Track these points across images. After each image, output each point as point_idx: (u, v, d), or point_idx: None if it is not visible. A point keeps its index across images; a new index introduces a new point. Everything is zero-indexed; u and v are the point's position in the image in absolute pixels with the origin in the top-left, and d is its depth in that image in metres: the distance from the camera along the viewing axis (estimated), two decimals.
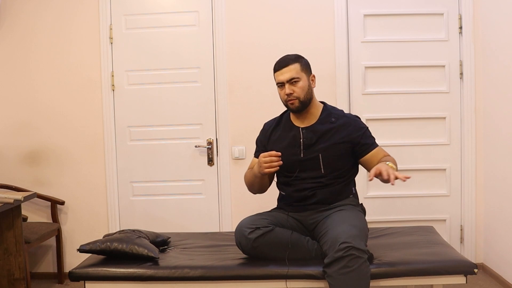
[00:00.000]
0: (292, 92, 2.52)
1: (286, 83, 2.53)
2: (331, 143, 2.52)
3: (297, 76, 2.53)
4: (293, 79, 2.52)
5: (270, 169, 2.44)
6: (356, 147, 2.56)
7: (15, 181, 3.79)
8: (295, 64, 2.55)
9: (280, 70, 2.56)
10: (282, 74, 2.54)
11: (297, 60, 2.57)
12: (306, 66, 2.59)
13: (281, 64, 2.56)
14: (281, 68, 2.56)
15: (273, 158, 2.42)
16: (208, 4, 3.74)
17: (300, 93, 2.53)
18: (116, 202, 3.83)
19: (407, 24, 3.70)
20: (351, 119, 2.64)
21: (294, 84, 2.53)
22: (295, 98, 2.53)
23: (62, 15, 3.78)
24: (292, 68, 2.53)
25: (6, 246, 2.85)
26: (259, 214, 2.59)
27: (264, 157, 2.44)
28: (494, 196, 3.52)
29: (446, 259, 2.39)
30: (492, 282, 3.46)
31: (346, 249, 2.16)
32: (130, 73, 3.79)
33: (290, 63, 2.54)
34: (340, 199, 2.57)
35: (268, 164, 2.42)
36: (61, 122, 3.81)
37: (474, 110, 3.68)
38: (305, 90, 2.55)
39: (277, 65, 2.58)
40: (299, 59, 2.58)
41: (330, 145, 2.52)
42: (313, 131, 2.57)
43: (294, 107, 2.56)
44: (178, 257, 2.57)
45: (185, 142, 3.79)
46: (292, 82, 2.53)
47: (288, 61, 2.56)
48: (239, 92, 3.75)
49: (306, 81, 2.56)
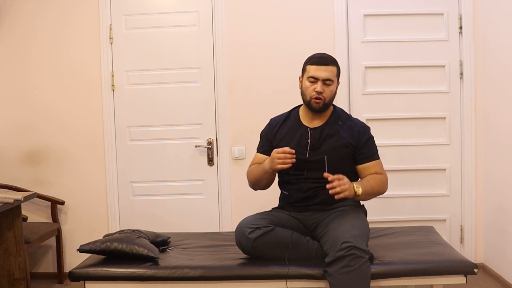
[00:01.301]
0: (322, 92, 2.51)
1: (321, 81, 2.51)
2: (336, 145, 2.52)
3: (332, 79, 2.53)
4: (328, 80, 2.51)
5: (283, 166, 2.42)
6: (356, 153, 2.56)
7: (15, 181, 3.79)
8: (334, 67, 2.55)
9: (319, 66, 2.52)
10: (320, 71, 2.51)
11: (336, 63, 2.57)
12: (339, 73, 2.60)
13: (322, 61, 2.53)
14: (322, 64, 2.52)
15: (287, 155, 2.41)
16: (208, 4, 3.74)
17: (327, 96, 2.53)
18: (116, 202, 3.83)
19: (407, 24, 3.70)
20: (358, 124, 2.64)
21: (327, 85, 2.52)
22: (322, 99, 2.52)
23: (62, 15, 3.78)
24: (331, 70, 2.53)
25: (6, 246, 2.85)
26: (259, 213, 2.59)
27: (278, 153, 2.42)
28: (494, 196, 3.52)
29: (446, 259, 2.39)
30: (492, 282, 3.46)
31: (347, 249, 2.17)
32: (130, 73, 3.79)
33: (331, 64, 2.53)
34: (342, 200, 2.56)
35: (282, 160, 2.41)
36: (61, 122, 3.81)
37: (474, 110, 3.68)
38: (332, 95, 2.56)
39: (316, 59, 2.54)
40: (337, 64, 2.58)
41: (335, 147, 2.52)
42: (321, 133, 2.57)
43: (318, 106, 2.54)
44: (178, 257, 2.57)
45: (185, 142, 3.79)
46: (326, 82, 2.52)
47: (329, 61, 2.54)
48: (239, 92, 3.75)
49: (335, 87, 2.58)
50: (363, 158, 2.56)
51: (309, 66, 2.56)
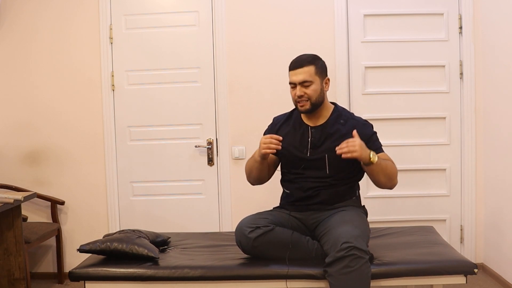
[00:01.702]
0: (302, 94, 2.50)
1: (298, 85, 2.50)
2: (337, 144, 2.51)
3: (310, 79, 2.50)
4: (305, 82, 2.50)
5: (267, 150, 2.45)
6: None
7: (15, 181, 3.78)
8: (310, 66, 2.51)
9: (294, 70, 2.53)
10: (296, 75, 2.51)
11: (312, 62, 2.53)
12: (321, 69, 2.56)
13: (295, 65, 2.53)
14: (295, 68, 2.52)
15: (273, 141, 2.44)
16: (208, 4, 3.74)
17: (312, 95, 2.51)
18: (116, 202, 3.83)
19: (407, 24, 3.70)
20: (360, 122, 2.63)
21: (306, 87, 2.50)
22: (306, 100, 2.51)
23: (62, 15, 3.78)
24: (306, 71, 2.50)
25: (6, 246, 2.85)
26: (259, 213, 2.59)
27: (265, 139, 2.46)
28: (494, 196, 3.52)
29: (446, 259, 2.39)
30: (492, 282, 3.46)
31: (347, 249, 2.17)
32: (130, 73, 3.79)
33: (305, 65, 2.51)
34: (343, 200, 2.57)
35: (267, 145, 2.44)
36: (61, 122, 3.81)
37: (474, 110, 3.68)
38: (316, 93, 2.52)
39: (292, 64, 2.55)
40: (314, 61, 2.54)
41: (336, 146, 2.52)
42: (321, 131, 2.57)
43: (304, 109, 2.54)
44: (178, 257, 2.57)
45: (185, 142, 3.79)
46: (304, 84, 2.50)
47: (303, 62, 2.52)
48: (239, 92, 3.75)
49: (319, 85, 2.53)
50: None
51: (289, 72, 2.57)
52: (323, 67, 2.58)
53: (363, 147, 2.36)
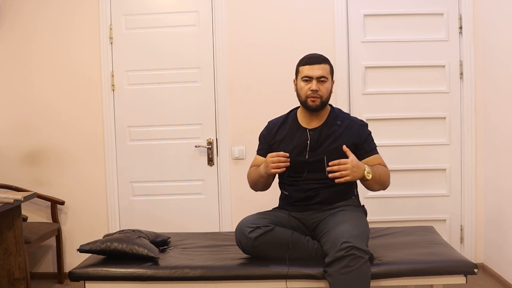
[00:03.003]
0: (317, 90, 2.52)
1: (315, 79, 2.53)
2: (336, 145, 2.52)
3: (326, 76, 2.55)
4: (322, 78, 2.53)
5: (276, 170, 2.44)
6: (357, 150, 2.56)
7: (15, 181, 3.79)
8: (326, 65, 2.57)
9: (312, 65, 2.55)
10: (313, 70, 2.53)
11: (328, 61, 2.59)
12: (332, 71, 2.62)
13: (314, 60, 2.56)
14: (313, 63, 2.55)
15: (281, 159, 2.43)
16: (208, 4, 3.74)
17: (324, 93, 2.54)
18: (116, 202, 3.83)
19: (407, 24, 3.70)
20: (356, 123, 2.64)
21: (321, 83, 2.54)
22: (318, 97, 2.53)
23: (62, 15, 3.78)
24: (324, 67, 2.55)
25: (6, 246, 2.85)
26: (259, 213, 2.59)
27: (272, 157, 2.44)
28: (494, 196, 3.52)
29: (446, 259, 2.39)
30: (492, 282, 3.46)
31: (347, 249, 2.17)
32: (130, 73, 3.79)
33: (323, 62, 2.56)
34: (342, 200, 2.58)
35: (276, 165, 2.43)
36: (61, 122, 3.81)
37: (474, 110, 3.68)
38: (328, 92, 2.57)
39: (308, 59, 2.57)
40: (329, 62, 2.61)
41: (335, 147, 2.52)
42: (319, 133, 2.57)
43: (315, 105, 2.54)
44: (178, 257, 2.57)
45: (185, 142, 3.79)
46: (320, 80, 2.53)
47: (322, 59, 2.57)
48: (239, 92, 3.75)
49: (330, 84, 2.59)
50: (364, 153, 2.56)
51: (301, 67, 2.58)
52: (333, 69, 2.64)
53: (356, 166, 2.36)
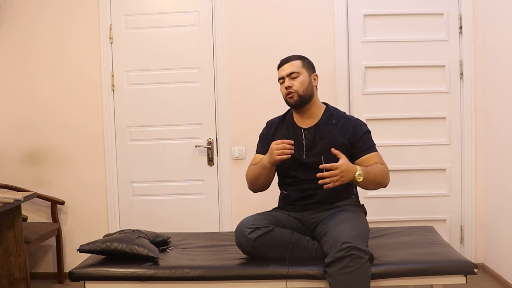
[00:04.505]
0: (291, 86, 2.56)
1: (286, 77, 2.58)
2: (331, 145, 2.51)
3: (297, 70, 2.58)
4: (292, 73, 2.58)
5: (282, 157, 2.43)
6: (353, 148, 2.55)
7: (15, 181, 3.79)
8: (297, 60, 2.61)
9: (281, 66, 2.64)
10: (283, 70, 2.62)
11: (299, 58, 2.64)
12: (309, 65, 2.64)
13: (283, 61, 2.65)
14: (282, 64, 2.64)
15: (286, 146, 2.43)
16: (208, 4, 3.74)
17: (299, 87, 2.56)
18: (116, 202, 3.83)
19: (407, 24, 3.70)
20: (352, 121, 2.63)
21: (293, 78, 2.57)
22: (293, 92, 2.56)
23: (62, 15, 3.78)
24: (294, 64, 2.60)
25: (6, 246, 2.85)
26: (259, 214, 2.59)
27: (277, 144, 2.44)
28: (494, 196, 3.53)
29: (446, 259, 2.39)
30: (492, 282, 3.46)
31: (347, 249, 2.17)
32: (130, 73, 3.79)
33: (292, 59, 2.62)
34: (341, 199, 2.58)
35: (281, 151, 2.42)
36: (61, 122, 3.81)
37: (474, 110, 3.68)
38: (304, 85, 2.57)
39: (280, 62, 2.66)
40: (301, 57, 2.65)
41: (330, 147, 2.51)
42: (314, 133, 2.57)
43: (293, 101, 2.57)
44: (178, 257, 2.57)
45: (185, 142, 3.79)
46: (292, 76, 2.58)
47: (291, 58, 2.64)
48: (239, 92, 3.75)
49: (307, 78, 2.59)
50: (360, 152, 2.55)
51: (278, 72, 2.66)
52: (310, 64, 2.67)
53: (346, 169, 2.32)
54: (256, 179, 2.64)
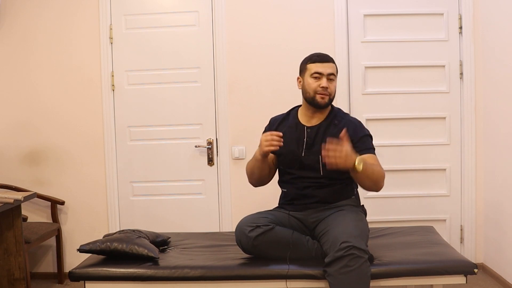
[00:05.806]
0: (327, 87, 2.55)
1: (325, 77, 2.56)
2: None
3: (335, 74, 2.60)
4: (332, 75, 2.58)
5: (270, 148, 2.44)
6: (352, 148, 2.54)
7: (15, 181, 3.78)
8: (334, 64, 2.62)
9: (322, 62, 2.58)
10: (324, 67, 2.57)
11: (334, 61, 2.64)
12: (337, 71, 2.66)
13: (324, 58, 2.60)
14: (324, 61, 2.59)
15: (274, 137, 2.43)
16: (208, 4, 3.74)
17: (332, 91, 2.59)
18: (116, 202, 3.83)
19: (407, 24, 3.70)
20: (355, 123, 2.63)
21: (331, 81, 2.58)
22: (327, 94, 2.56)
23: (62, 15, 3.78)
24: (333, 66, 2.61)
25: (6, 246, 2.85)
26: (259, 212, 2.59)
27: (266, 136, 2.46)
28: (494, 196, 3.53)
29: (446, 259, 2.39)
30: (492, 282, 3.46)
31: (346, 249, 2.16)
32: (130, 73, 3.79)
33: (332, 61, 2.61)
34: (341, 199, 2.57)
35: (269, 142, 2.43)
36: (61, 122, 3.81)
37: (474, 110, 3.68)
38: (335, 91, 2.61)
39: (319, 57, 2.61)
40: (335, 62, 2.65)
41: None
42: (316, 132, 2.58)
43: (324, 102, 2.56)
44: (178, 257, 2.57)
45: (185, 142, 3.79)
46: (330, 78, 2.57)
47: (330, 58, 2.62)
48: (239, 92, 3.75)
49: (336, 83, 2.63)
50: (358, 151, 2.48)
51: (310, 64, 2.60)
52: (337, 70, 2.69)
53: (350, 154, 2.27)
54: (251, 172, 2.67)
